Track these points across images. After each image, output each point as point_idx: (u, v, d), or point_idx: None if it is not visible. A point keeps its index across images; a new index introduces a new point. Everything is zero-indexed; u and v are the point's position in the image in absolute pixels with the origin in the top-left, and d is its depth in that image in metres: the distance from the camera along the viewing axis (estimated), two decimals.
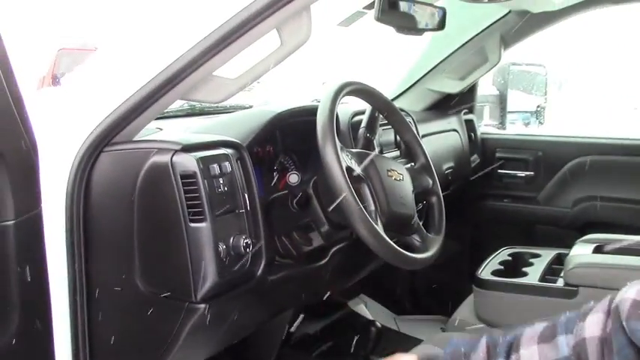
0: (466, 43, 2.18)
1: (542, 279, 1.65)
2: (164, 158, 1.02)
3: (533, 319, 0.85)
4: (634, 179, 2.18)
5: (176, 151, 1.02)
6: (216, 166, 1.05)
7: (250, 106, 1.86)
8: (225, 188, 1.06)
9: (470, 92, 2.42)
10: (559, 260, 1.76)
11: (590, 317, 0.78)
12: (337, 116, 1.29)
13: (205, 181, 1.02)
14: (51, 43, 7.28)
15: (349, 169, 1.19)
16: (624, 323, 0.71)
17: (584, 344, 0.76)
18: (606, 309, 0.77)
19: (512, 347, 0.84)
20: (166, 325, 1.08)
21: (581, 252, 1.64)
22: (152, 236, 1.05)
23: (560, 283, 1.61)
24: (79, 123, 1.05)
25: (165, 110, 1.16)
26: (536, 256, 1.83)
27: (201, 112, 1.71)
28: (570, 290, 1.55)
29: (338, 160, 1.14)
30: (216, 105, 1.64)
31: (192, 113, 1.69)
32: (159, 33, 1.02)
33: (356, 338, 1.95)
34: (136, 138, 1.09)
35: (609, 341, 0.74)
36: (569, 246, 1.69)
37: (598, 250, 1.65)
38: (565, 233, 2.19)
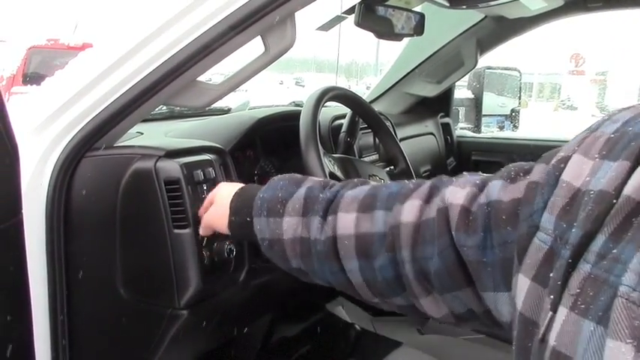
0: (443, 47, 2.21)
1: None
2: (148, 164, 1.01)
3: None
4: None
5: (160, 157, 1.01)
6: (199, 172, 1.04)
7: (229, 109, 1.86)
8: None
9: (446, 96, 2.45)
10: None
11: (409, 202, 0.77)
12: (318, 122, 1.30)
13: (189, 187, 1.01)
14: (20, 42, 7.16)
15: (332, 175, 1.19)
16: (453, 233, 0.70)
17: (399, 227, 0.75)
18: (425, 197, 0.76)
19: (330, 207, 0.83)
20: (149, 332, 1.06)
21: None
22: (135, 243, 1.04)
23: None
24: (60, 127, 1.04)
25: None
26: None
27: (181, 116, 1.70)
28: None
29: (321, 166, 1.15)
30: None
31: (171, 116, 1.68)
32: (143, 38, 1.01)
33: (334, 341, 1.95)
34: (118, 143, 1.08)
35: (423, 228, 0.74)
36: None
37: None
38: None
